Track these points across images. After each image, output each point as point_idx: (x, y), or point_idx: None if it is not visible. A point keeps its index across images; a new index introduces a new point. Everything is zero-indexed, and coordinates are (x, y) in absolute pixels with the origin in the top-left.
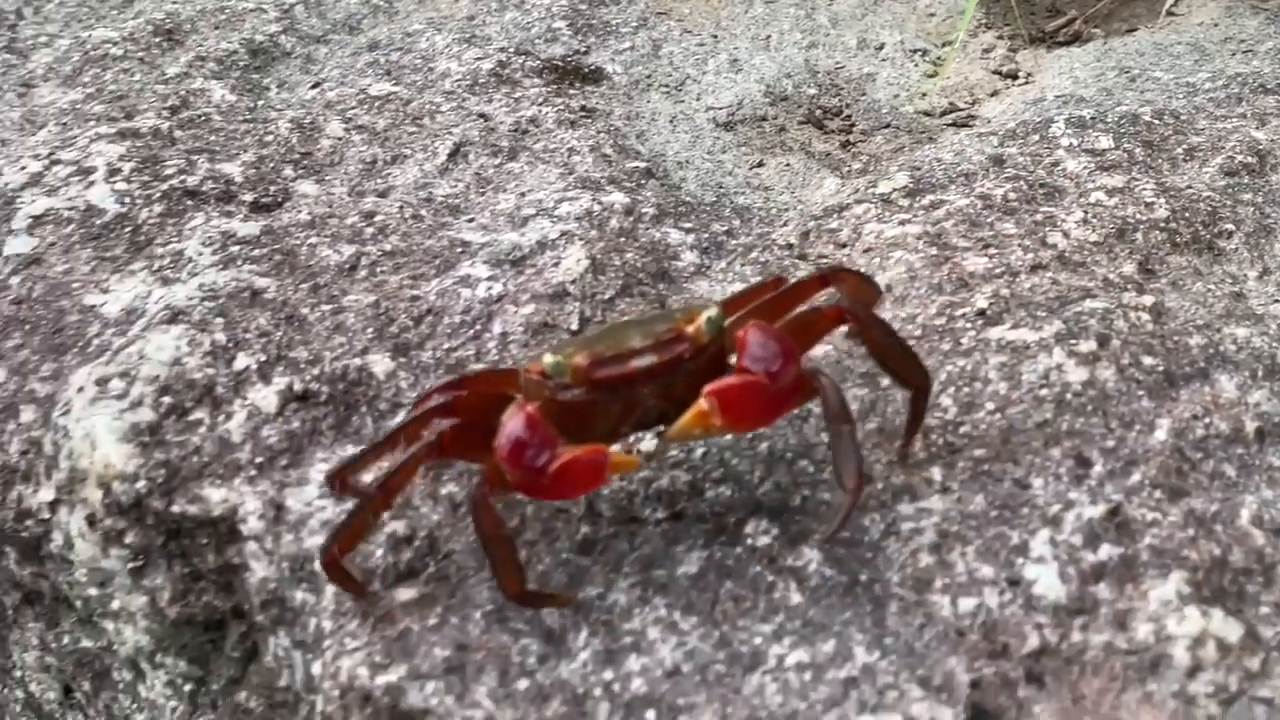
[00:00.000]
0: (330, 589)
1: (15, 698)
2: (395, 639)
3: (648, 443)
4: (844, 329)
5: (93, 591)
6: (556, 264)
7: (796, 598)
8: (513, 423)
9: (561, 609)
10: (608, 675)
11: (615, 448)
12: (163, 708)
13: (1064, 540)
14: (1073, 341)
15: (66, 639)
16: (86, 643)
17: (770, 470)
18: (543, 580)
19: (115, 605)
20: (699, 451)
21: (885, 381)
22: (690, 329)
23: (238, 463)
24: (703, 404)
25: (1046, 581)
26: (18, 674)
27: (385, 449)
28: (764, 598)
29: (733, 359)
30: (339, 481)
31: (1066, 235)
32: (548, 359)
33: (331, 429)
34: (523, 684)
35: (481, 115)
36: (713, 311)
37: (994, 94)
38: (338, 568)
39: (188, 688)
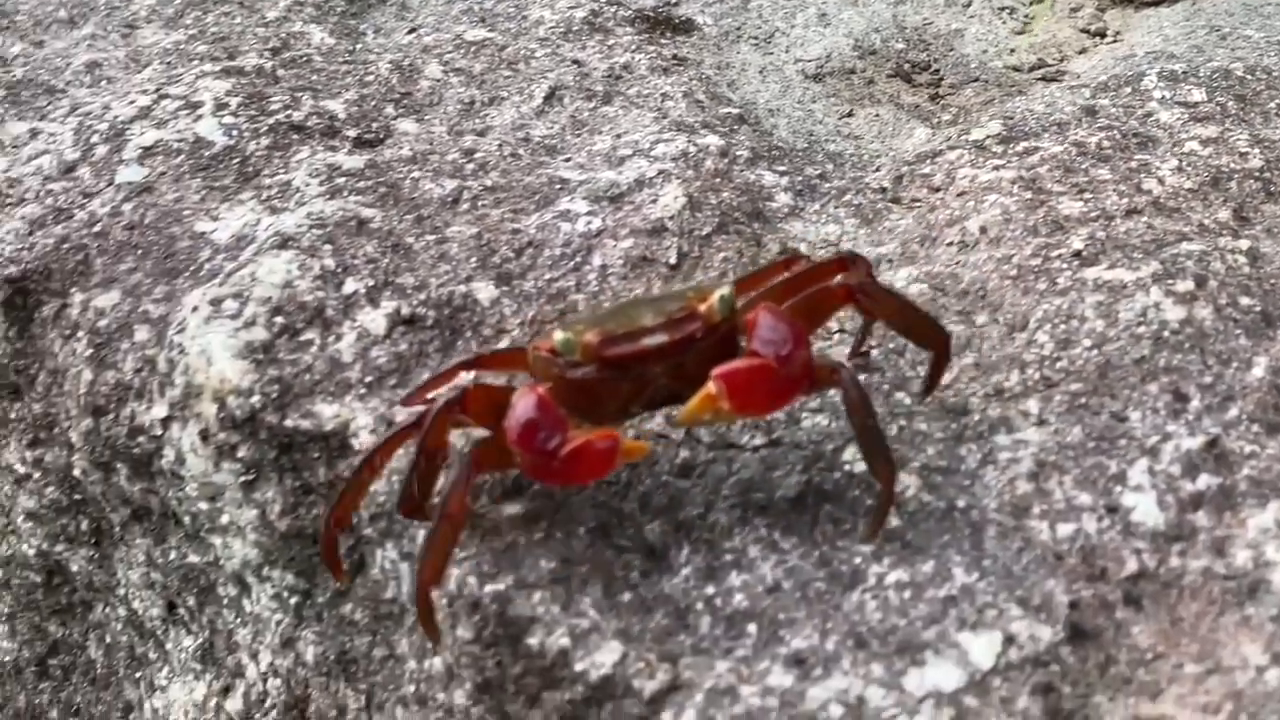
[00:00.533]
0: None
1: (117, 615)
2: (503, 551)
3: (658, 421)
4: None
5: (202, 506)
6: (654, 201)
7: (895, 521)
8: (522, 404)
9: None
10: (709, 590)
11: (629, 435)
12: (267, 621)
13: (1162, 470)
14: (1170, 281)
15: (173, 554)
16: (193, 558)
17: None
18: (643, 501)
19: (224, 519)
20: None
21: (981, 318)
22: (702, 308)
23: (348, 381)
24: (710, 387)
25: (1145, 509)
26: (121, 591)
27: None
28: (863, 521)
29: (744, 341)
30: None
31: (1161, 182)
32: (558, 335)
33: (438, 352)
34: (626, 596)
35: (575, 61)
36: (725, 291)
37: (1082, 51)
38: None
39: (293, 600)
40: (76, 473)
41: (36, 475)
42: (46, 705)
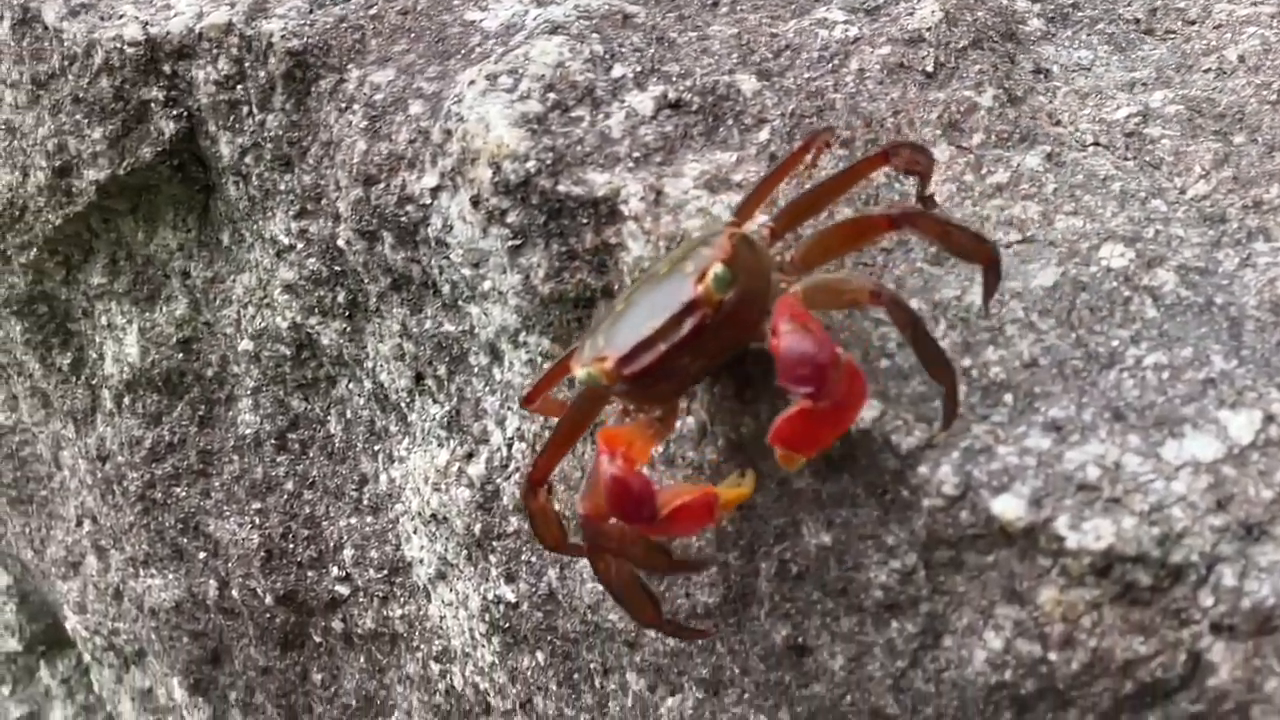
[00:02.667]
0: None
1: (361, 390)
2: None
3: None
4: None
5: (465, 273)
6: (911, 14)
7: (1152, 312)
8: (606, 476)
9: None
10: (966, 362)
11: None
12: (518, 388)
13: None
14: None
15: (428, 324)
16: (448, 327)
17: (1123, 205)
18: (898, 282)
19: (486, 285)
20: (1049, 187)
21: (1238, 139)
22: (700, 291)
23: (617, 155)
24: (778, 452)
25: None
26: (369, 365)
27: None
28: (1120, 309)
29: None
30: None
31: None
32: (579, 373)
33: (702, 135)
34: (883, 363)
35: None
36: (718, 270)
37: None
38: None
39: (547, 366)
40: (340, 243)
41: (300, 246)
42: (282, 478)
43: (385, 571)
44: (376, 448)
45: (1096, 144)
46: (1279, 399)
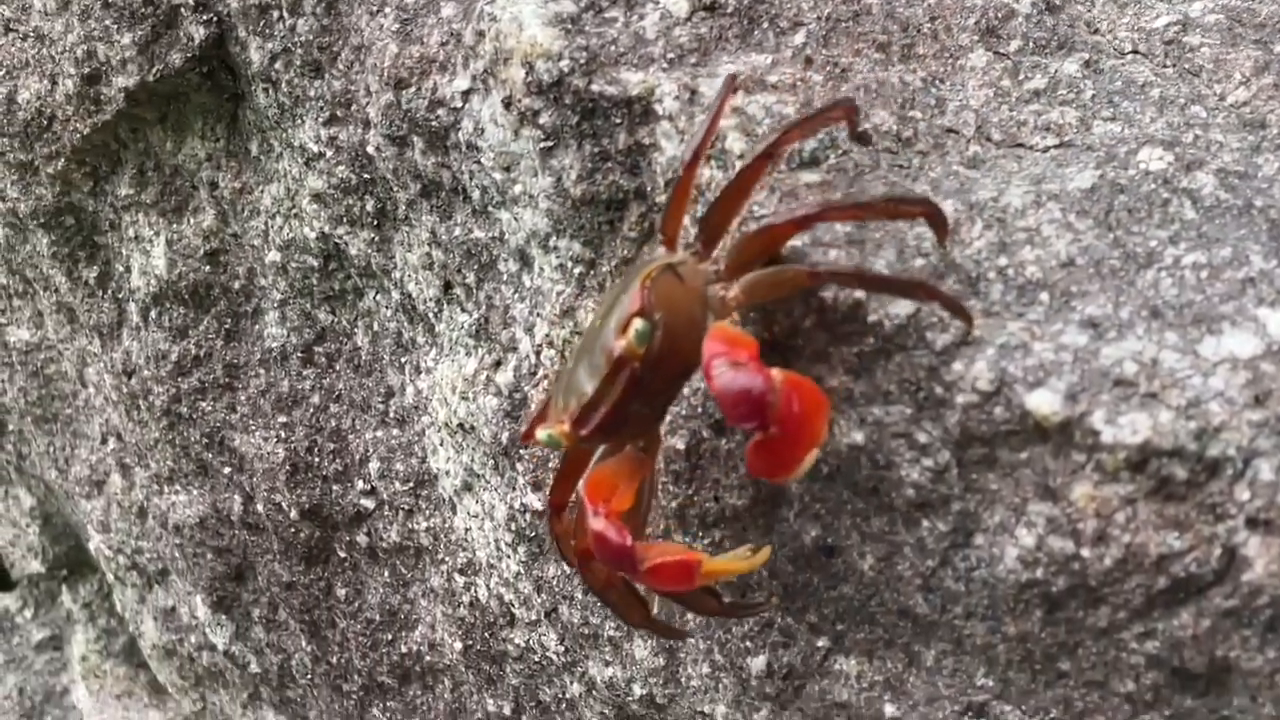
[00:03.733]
0: (737, 165)
1: (389, 302)
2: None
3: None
4: None
5: (496, 177)
6: None
7: (1190, 214)
8: (590, 530)
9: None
10: (1001, 261)
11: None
12: (547, 293)
13: None
14: None
15: (457, 230)
16: (477, 233)
17: (1162, 111)
18: (934, 184)
19: (517, 189)
20: (1087, 93)
21: (1277, 48)
22: (623, 347)
23: (651, 55)
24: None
25: None
26: (396, 275)
27: None
28: (1158, 210)
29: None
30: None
31: None
32: (541, 435)
33: (737, 38)
34: (918, 262)
35: None
36: (637, 325)
37: None
38: None
39: (577, 271)
40: (370, 149)
41: (329, 154)
42: (308, 391)
43: (411, 484)
44: (403, 359)
45: (1135, 51)
46: None
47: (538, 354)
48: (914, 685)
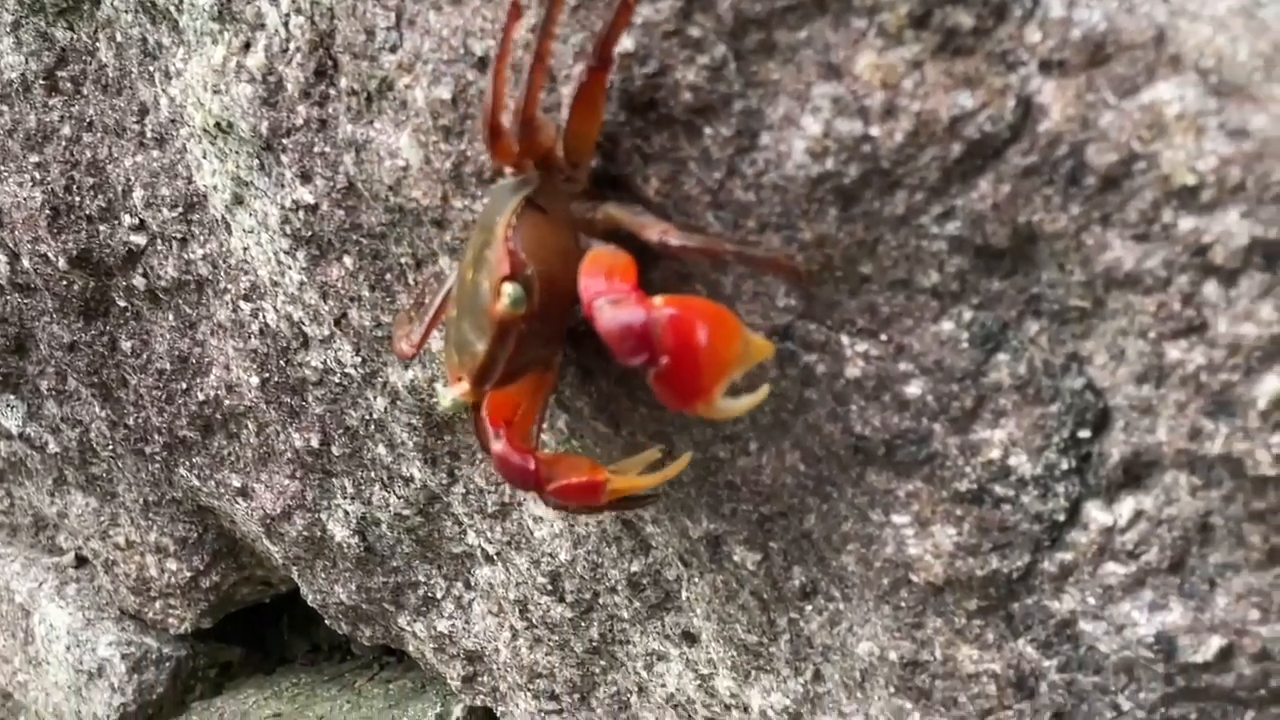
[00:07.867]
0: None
1: (128, 5)
2: None
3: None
4: None
5: None
6: None
7: None
8: (493, 453)
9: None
10: None
11: None
12: None
13: None
14: None
15: None
16: None
17: None
18: None
19: None
20: None
21: None
22: (502, 312)
23: None
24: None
25: None
26: None
27: None
28: None
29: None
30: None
31: None
32: (446, 403)
33: None
34: None
35: None
36: (509, 290)
37: None
38: None
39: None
40: None
41: None
42: (58, 123)
43: (180, 209)
44: (152, 68)
45: None
46: None
47: (286, 25)
48: None
